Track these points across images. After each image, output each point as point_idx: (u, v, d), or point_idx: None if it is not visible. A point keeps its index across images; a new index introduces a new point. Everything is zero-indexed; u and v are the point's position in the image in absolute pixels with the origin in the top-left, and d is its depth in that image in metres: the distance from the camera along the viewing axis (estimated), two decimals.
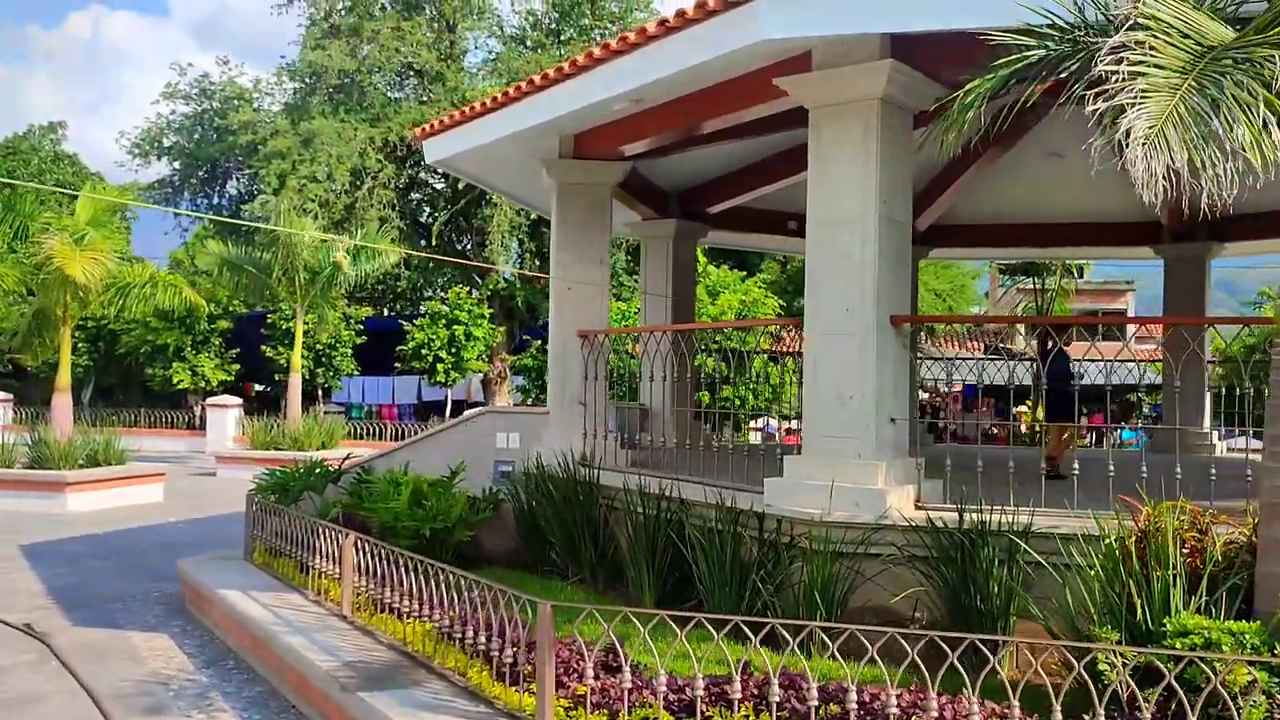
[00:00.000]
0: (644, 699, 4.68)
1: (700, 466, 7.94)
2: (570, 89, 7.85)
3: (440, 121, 9.40)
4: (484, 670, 5.28)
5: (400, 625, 6.25)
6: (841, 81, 6.44)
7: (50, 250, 14.47)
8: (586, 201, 9.44)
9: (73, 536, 12.73)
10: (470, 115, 8.99)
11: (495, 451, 9.68)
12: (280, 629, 6.52)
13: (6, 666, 6.94)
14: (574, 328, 9.37)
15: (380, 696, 5.11)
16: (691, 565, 7.06)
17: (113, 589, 9.63)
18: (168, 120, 31.54)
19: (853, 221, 6.49)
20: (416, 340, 27.05)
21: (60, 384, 16.44)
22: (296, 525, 8.04)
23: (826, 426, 6.59)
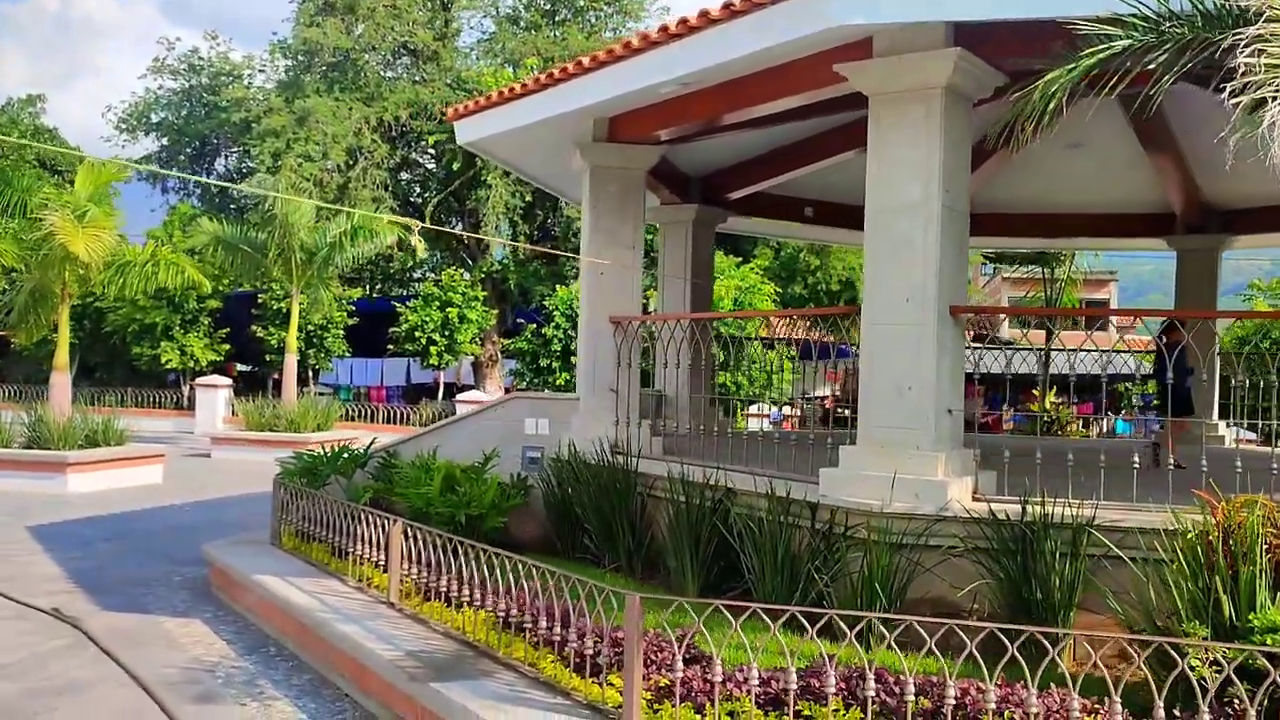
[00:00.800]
0: (726, 691, 4.63)
1: (744, 455, 7.89)
2: (620, 72, 7.75)
3: (476, 102, 9.26)
4: (556, 661, 5.21)
5: (455, 613, 6.17)
6: (907, 69, 6.38)
7: (52, 226, 14.20)
8: (620, 186, 9.35)
9: (79, 518, 12.54)
10: (508, 97, 8.87)
11: (524, 438, 9.57)
12: (330, 617, 6.42)
13: (45, 653, 6.81)
14: (606, 313, 9.28)
15: (453, 687, 5.03)
16: (738, 554, 7.03)
17: (132, 573, 9.49)
18: (155, 95, 31.06)
19: (914, 209, 6.44)
20: (410, 322, 26.85)
21: (59, 362, 16.18)
22: (333, 510, 7.93)
23: (883, 417, 6.54)
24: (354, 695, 6.07)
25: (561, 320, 25.93)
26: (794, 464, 7.36)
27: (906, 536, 6.12)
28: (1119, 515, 5.88)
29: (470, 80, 27.40)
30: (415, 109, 27.44)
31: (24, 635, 7.23)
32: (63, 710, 5.73)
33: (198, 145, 30.81)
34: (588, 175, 9.34)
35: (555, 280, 29.35)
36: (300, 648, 6.86)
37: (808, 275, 29.71)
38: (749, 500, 7.16)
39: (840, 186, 13.31)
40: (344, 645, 6.05)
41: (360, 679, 5.94)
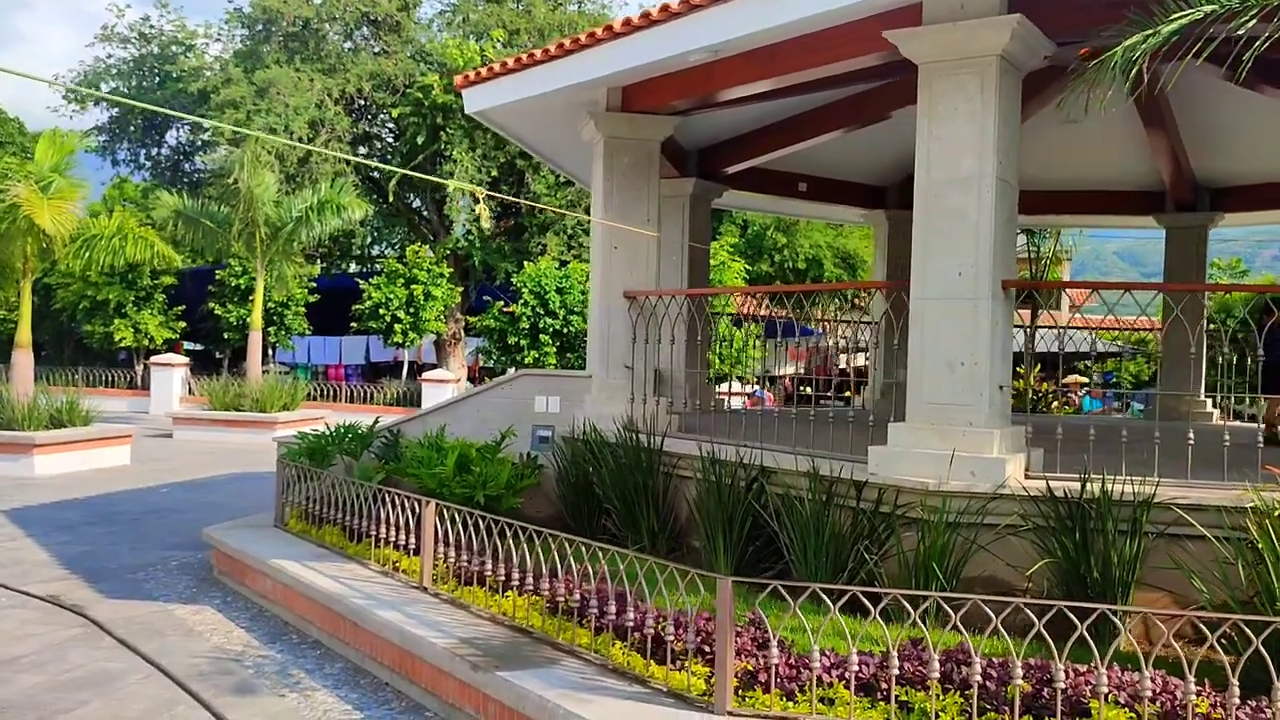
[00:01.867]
0: (813, 676, 4.47)
1: (775, 433, 7.73)
2: (647, 39, 7.49)
3: (490, 69, 8.94)
4: (626, 648, 5.01)
5: (499, 598, 5.95)
6: (961, 36, 6.21)
7: (16, 197, 13.60)
8: (633, 157, 9.11)
9: (55, 502, 12.08)
10: (523, 65, 8.58)
11: (533, 416, 9.34)
12: (367, 603, 6.16)
13: (59, 643, 6.47)
14: (620, 289, 9.06)
15: (522, 676, 4.82)
16: (774, 535, 6.88)
17: (126, 558, 9.12)
18: (105, 65, 30.04)
19: (967, 182, 6.29)
20: (374, 299, 26.35)
21: (20, 340, 15.57)
22: (351, 491, 7.65)
23: (934, 393, 6.40)
24: (396, 685, 5.83)
25: (530, 298, 25.59)
26: (831, 442, 7.22)
27: (961, 515, 6.01)
28: (1180, 492, 5.80)
29: (435, 52, 26.84)
30: (378, 81, 26.83)
31: (29, 625, 6.87)
32: (95, 703, 5.43)
33: (148, 116, 29.82)
34: (600, 146, 9.09)
35: (519, 257, 28.96)
36: (328, 635, 6.59)
37: (774, 252, 29.62)
38: (786, 479, 6.99)
39: (831, 162, 13.21)
40: (387, 633, 5.80)
41: (406, 667, 5.70)
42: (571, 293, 25.87)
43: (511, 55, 8.98)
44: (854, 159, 13.38)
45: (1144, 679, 4.08)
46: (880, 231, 14.46)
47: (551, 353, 25.78)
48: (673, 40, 7.36)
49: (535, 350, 25.75)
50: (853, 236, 31.10)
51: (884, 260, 14.33)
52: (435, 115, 26.70)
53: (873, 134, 11.47)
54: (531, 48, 28.57)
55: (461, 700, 5.18)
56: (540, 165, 27.16)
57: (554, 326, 25.67)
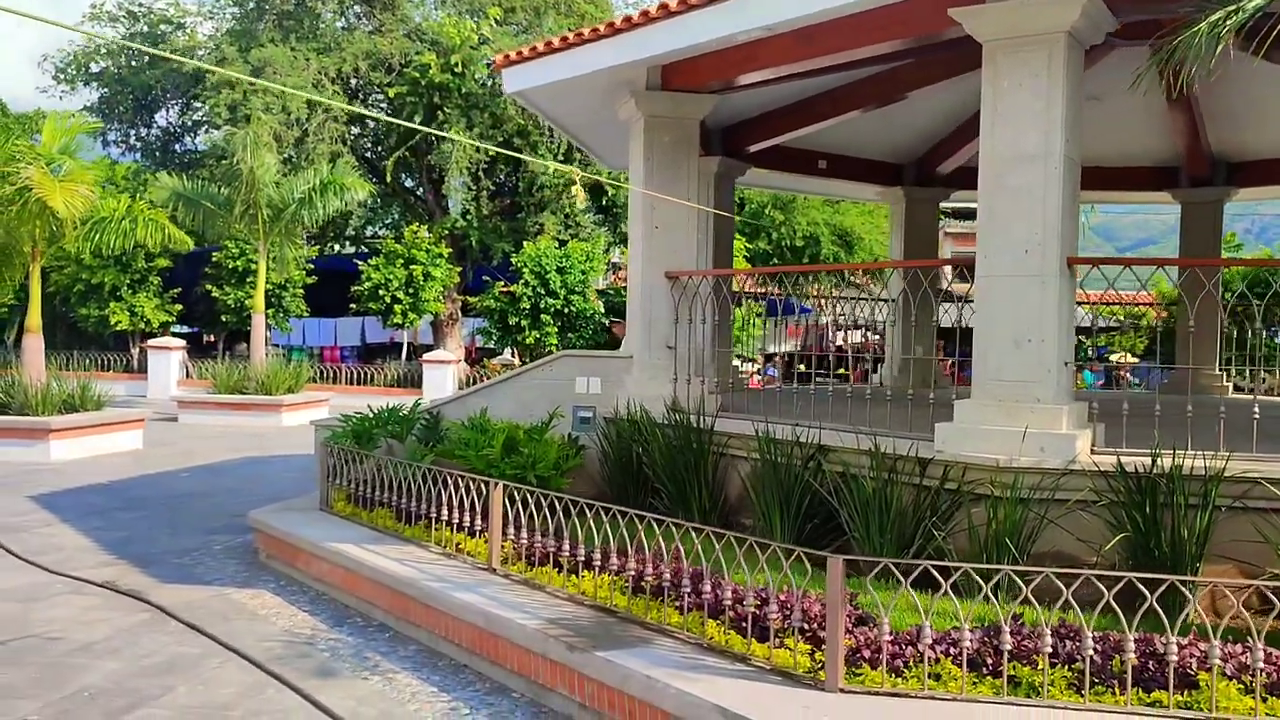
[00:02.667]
0: (918, 653, 4.52)
1: (829, 411, 7.76)
2: (699, 19, 7.45)
3: (534, 49, 8.88)
4: (722, 626, 5.04)
5: (575, 579, 5.96)
6: (1030, 12, 6.22)
7: (29, 179, 13.42)
8: (674, 136, 9.08)
9: (79, 487, 12.00)
10: (568, 44, 8.52)
11: (574, 397, 9.33)
12: (440, 586, 6.16)
13: (128, 628, 6.45)
14: (661, 269, 9.05)
15: (622, 655, 4.84)
16: (833, 512, 6.93)
17: (167, 543, 9.08)
18: (95, 44, 29.65)
19: (1033, 160, 6.31)
20: (373, 280, 26.21)
21: (31, 325, 15.40)
22: (405, 473, 7.63)
23: (1000, 370, 6.44)
24: (476, 666, 5.84)
25: (530, 277, 25.52)
26: (888, 420, 7.25)
27: (1032, 491, 6.05)
28: (1251, 465, 5.87)
29: (431, 31, 26.62)
30: (374, 60, 26.60)
31: (93, 611, 6.84)
32: (181, 689, 5.42)
33: (140, 97, 29.46)
34: (640, 125, 9.05)
35: (515, 237, 28.84)
36: (395, 618, 6.59)
37: (772, 230, 29.63)
38: (845, 457, 7.03)
39: (848, 140, 13.19)
40: (467, 615, 5.80)
41: (488, 649, 5.70)
42: (572, 272, 25.82)
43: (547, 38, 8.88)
44: (870, 137, 13.37)
45: (1256, 651, 4.14)
46: (897, 209, 14.47)
47: (553, 332, 25.74)
48: (731, 18, 7.32)
49: (536, 330, 25.71)
50: (849, 214, 31.14)
51: (901, 237, 14.35)
52: (432, 94, 26.51)
53: (889, 112, 11.48)
54: (526, 25, 28.48)
55: (553, 681, 5.20)
56: (539, 145, 27.05)
57: (555, 306, 25.62)
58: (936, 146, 13.74)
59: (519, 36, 27.76)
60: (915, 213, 14.28)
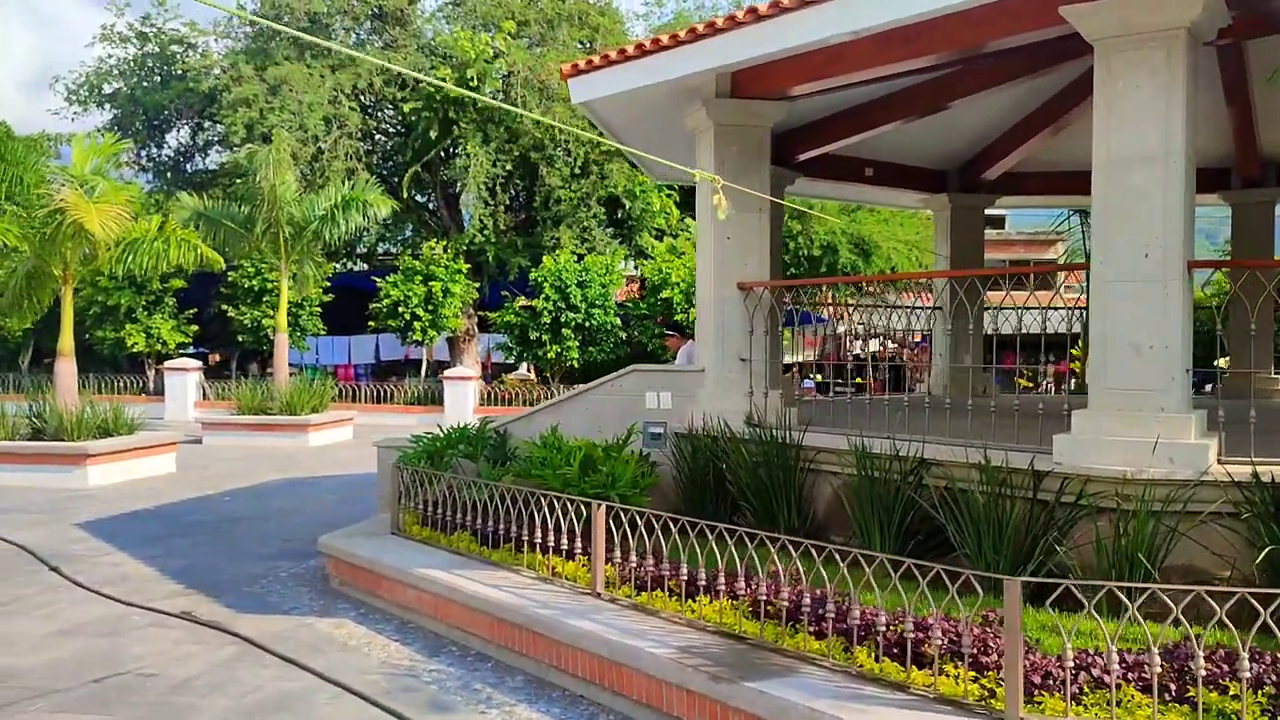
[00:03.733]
0: (1092, 679, 4.30)
1: (926, 425, 7.54)
2: (785, 25, 7.24)
3: (605, 56, 8.66)
4: (865, 651, 4.82)
5: (693, 604, 5.73)
6: (1148, 9, 6.02)
7: (64, 201, 13.20)
8: (744, 145, 8.89)
9: (124, 514, 11.76)
10: (638, 53, 8.31)
11: (644, 412, 9.11)
12: (551, 613, 5.93)
13: (222, 662, 6.21)
14: (734, 279, 8.85)
15: (775, 686, 4.62)
16: (940, 527, 6.72)
17: (230, 570, 8.84)
18: (107, 65, 29.43)
19: (1152, 160, 6.11)
20: (393, 297, 25.99)
21: (63, 348, 15.16)
22: (485, 494, 7.40)
23: (1119, 379, 6.23)
24: (595, 697, 5.61)
25: (550, 292, 25.33)
26: (992, 433, 7.03)
27: (1161, 503, 5.84)
28: None
29: (444, 45, 26.46)
30: (388, 76, 26.44)
31: (181, 645, 6.60)
32: None
33: (152, 117, 29.23)
34: (711, 134, 8.85)
35: (531, 251, 28.64)
36: (496, 647, 6.36)
37: (789, 240, 29.43)
38: (948, 471, 6.82)
39: (892, 147, 13.00)
40: (586, 643, 5.57)
41: (610, 679, 5.47)
42: (592, 286, 25.64)
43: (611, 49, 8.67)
44: (915, 144, 13.18)
45: None
46: (942, 216, 14.28)
47: (574, 346, 25.56)
48: (817, 25, 7.12)
49: (558, 345, 25.54)
50: (866, 222, 30.98)
51: (946, 244, 14.16)
52: (448, 109, 26.34)
53: (935, 118, 11.30)
54: (540, 38, 28.32)
55: (692, 713, 4.97)
56: (555, 158, 26.89)
57: (575, 320, 25.44)
58: (982, 152, 13.58)
59: (533, 50, 27.61)
60: (960, 219, 14.09)
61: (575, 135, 26.42)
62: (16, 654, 6.39)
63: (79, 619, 7.23)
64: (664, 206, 29.01)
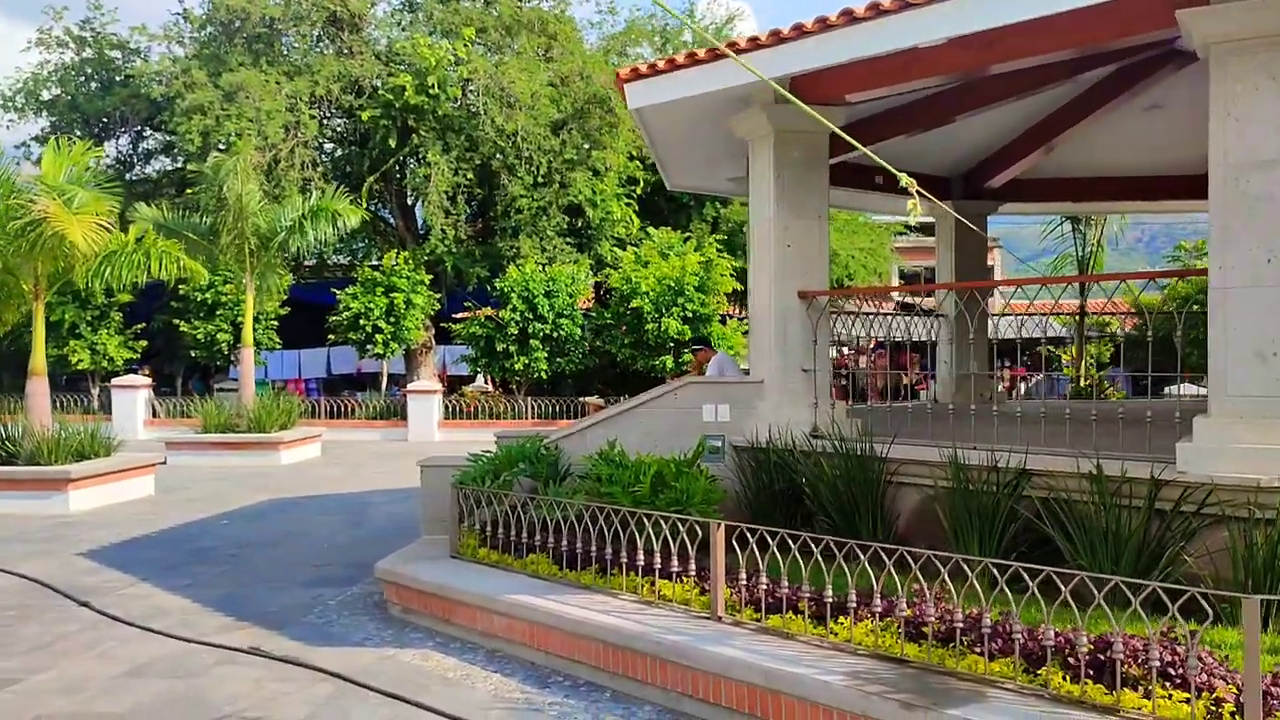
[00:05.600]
0: None
1: (1018, 433, 7.42)
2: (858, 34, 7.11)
3: (670, 61, 8.40)
4: (1055, 671, 4.65)
5: (836, 626, 5.51)
6: (1266, 13, 5.98)
7: (43, 211, 12.49)
8: (804, 151, 8.73)
9: (126, 541, 11.14)
10: (714, 56, 8.08)
11: (701, 426, 8.88)
12: (683, 640, 5.66)
13: (323, 700, 5.80)
14: (795, 288, 8.67)
15: (979, 712, 4.42)
16: (1046, 539, 6.60)
17: (272, 599, 8.39)
18: (46, 71, 28.23)
19: (1273, 164, 6.07)
20: (353, 309, 25.34)
21: (35, 367, 14.37)
22: (566, 514, 7.09)
23: (1241, 386, 6.16)
24: None
25: (518, 302, 24.93)
26: (1094, 441, 6.94)
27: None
28: None
29: (404, 53, 25.91)
30: (345, 83, 25.80)
31: (265, 684, 6.18)
32: None
33: (93, 124, 28.09)
34: (769, 140, 8.67)
35: (489, 261, 28.18)
36: (612, 675, 6.05)
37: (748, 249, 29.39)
38: (1051, 481, 6.71)
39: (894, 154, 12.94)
40: (734, 671, 5.31)
41: (766, 708, 5.20)
42: (559, 296, 25.30)
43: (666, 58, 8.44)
44: (919, 151, 13.15)
45: None
46: (945, 224, 14.29)
47: (542, 357, 25.19)
48: (896, 34, 6.99)
49: (525, 356, 25.14)
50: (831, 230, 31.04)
51: (950, 252, 14.18)
52: (407, 117, 25.81)
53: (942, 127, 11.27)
54: (499, 45, 27.90)
55: None
56: (516, 166, 26.50)
57: (544, 331, 25.08)
58: (987, 159, 13.62)
59: (491, 56, 27.20)
60: (964, 228, 14.10)
61: (538, 144, 26.14)
62: (94, 699, 5.91)
63: (138, 658, 6.74)
64: (624, 215, 28.77)
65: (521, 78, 25.69)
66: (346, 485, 16.27)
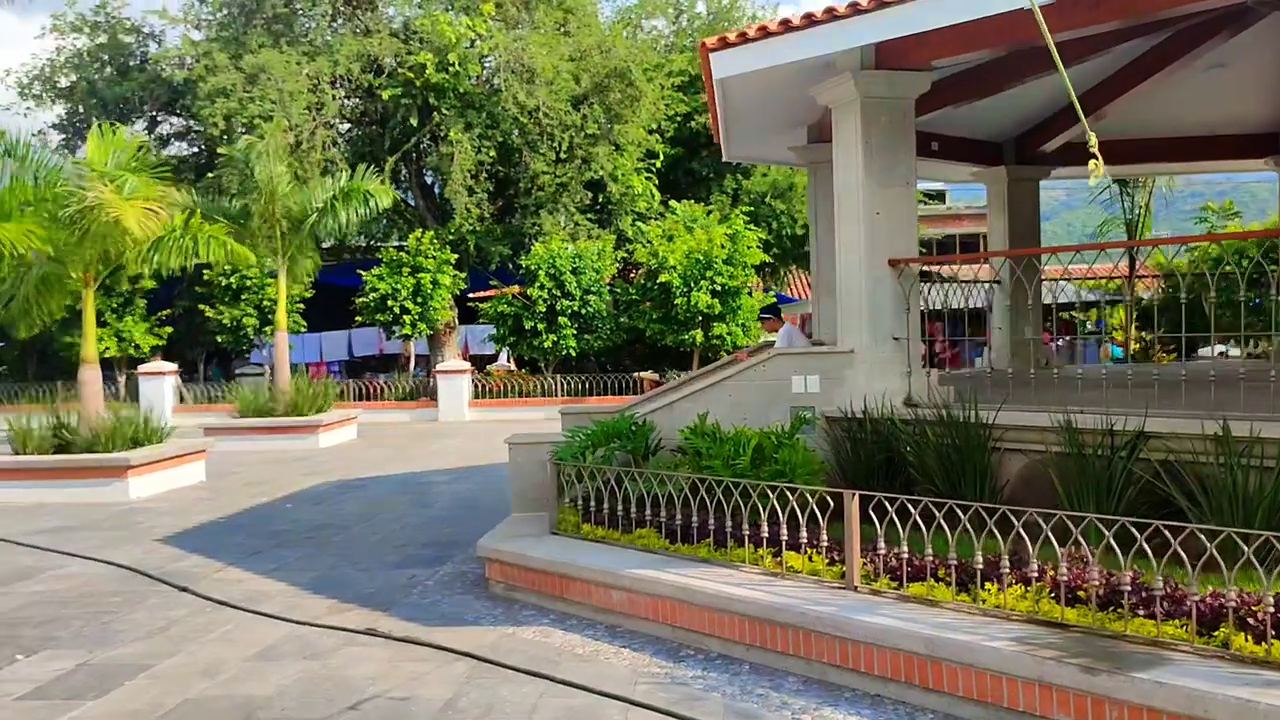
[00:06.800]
0: None
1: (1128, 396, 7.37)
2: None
3: (762, 28, 8.26)
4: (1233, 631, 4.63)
5: (982, 593, 5.49)
6: None
7: (99, 198, 12.39)
8: (891, 116, 8.63)
9: (198, 527, 11.13)
10: (812, 22, 7.95)
11: (790, 397, 8.84)
12: (831, 610, 5.63)
13: (462, 679, 5.76)
14: (885, 256, 8.60)
15: (1170, 675, 4.39)
16: (1165, 501, 6.57)
17: (367, 581, 8.36)
18: (63, 58, 27.99)
19: None
20: (380, 290, 25.25)
21: (87, 355, 14.33)
22: (680, 487, 7.05)
23: None
24: (894, 694, 5.31)
25: (545, 279, 24.86)
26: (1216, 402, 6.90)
27: None
28: None
29: (423, 29, 25.70)
30: (365, 62, 25.61)
31: (399, 664, 6.15)
32: None
33: (112, 109, 27.85)
34: (855, 107, 8.58)
35: (511, 239, 28.08)
36: (748, 647, 6.02)
37: (771, 220, 29.35)
38: (1169, 443, 6.67)
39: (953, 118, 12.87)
40: (894, 640, 5.28)
41: (925, 676, 5.18)
42: (585, 273, 25.23)
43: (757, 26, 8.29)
44: (972, 116, 13.06)
45: None
46: (997, 189, 14.19)
47: (570, 335, 25.13)
48: None
49: (554, 334, 25.09)
50: None
51: (1003, 217, 14.08)
52: (427, 95, 25.64)
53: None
54: (517, 19, 27.68)
55: (1051, 709, 4.70)
56: (538, 143, 26.36)
57: (571, 308, 25.02)
58: (1041, 124, 13.52)
59: (509, 32, 27.00)
60: (1016, 192, 14.02)
61: (559, 120, 25.98)
62: (236, 682, 5.88)
63: (262, 641, 6.71)
64: (645, 189, 28.66)
65: (541, 53, 25.51)
66: (396, 466, 16.25)
